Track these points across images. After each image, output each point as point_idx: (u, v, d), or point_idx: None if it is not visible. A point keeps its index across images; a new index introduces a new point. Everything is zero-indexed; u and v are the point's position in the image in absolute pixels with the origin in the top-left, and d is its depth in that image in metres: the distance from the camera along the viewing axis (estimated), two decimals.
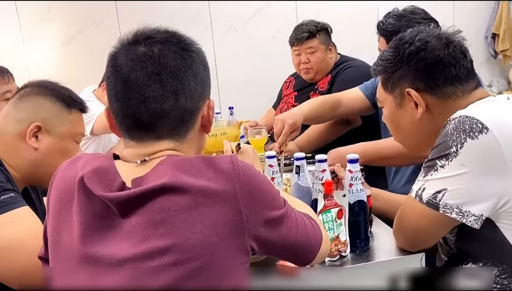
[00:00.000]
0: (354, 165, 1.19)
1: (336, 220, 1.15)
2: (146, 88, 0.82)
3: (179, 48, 0.86)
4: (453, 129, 1.03)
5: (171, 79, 0.83)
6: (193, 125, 0.89)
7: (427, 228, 1.09)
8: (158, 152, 0.85)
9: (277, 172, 1.33)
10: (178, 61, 0.85)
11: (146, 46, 0.84)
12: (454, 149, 1.02)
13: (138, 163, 0.84)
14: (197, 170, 0.80)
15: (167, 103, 0.83)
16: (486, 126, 1.00)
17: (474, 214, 1.01)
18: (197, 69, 0.87)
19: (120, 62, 0.84)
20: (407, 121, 1.19)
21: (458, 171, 1.02)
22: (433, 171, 1.06)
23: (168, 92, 0.83)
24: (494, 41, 3.62)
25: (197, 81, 0.87)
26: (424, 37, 1.15)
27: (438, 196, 1.04)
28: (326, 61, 2.46)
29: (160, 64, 0.83)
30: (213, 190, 0.78)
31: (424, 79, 1.13)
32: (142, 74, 0.82)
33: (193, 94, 0.86)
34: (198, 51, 0.90)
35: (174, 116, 0.85)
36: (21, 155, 1.22)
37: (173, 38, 0.87)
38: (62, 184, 0.87)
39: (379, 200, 1.38)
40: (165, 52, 0.84)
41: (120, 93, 0.84)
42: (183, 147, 0.88)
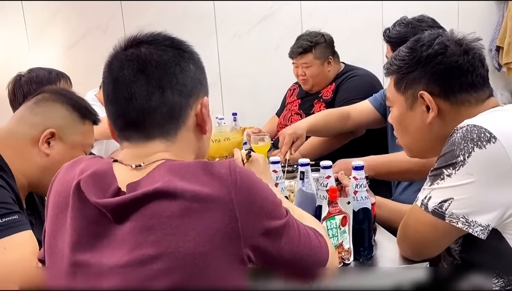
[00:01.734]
0: (359, 171, 1.19)
1: (340, 227, 1.14)
2: (132, 85, 0.83)
3: (166, 45, 0.87)
4: (460, 138, 1.02)
5: (157, 74, 0.83)
6: (184, 122, 0.87)
7: (432, 237, 1.08)
8: (152, 154, 0.84)
9: (281, 178, 1.32)
10: (165, 57, 0.85)
11: (134, 48, 0.86)
12: (461, 158, 1.01)
13: (132, 167, 0.83)
14: (193, 175, 0.78)
15: (153, 99, 0.83)
16: (494, 136, 0.99)
17: (480, 224, 1.00)
18: (186, 65, 0.87)
19: (112, 66, 0.87)
20: (416, 124, 1.17)
21: (465, 180, 1.00)
22: (439, 179, 1.05)
23: (154, 87, 0.83)
24: (498, 54, 3.62)
25: (186, 76, 0.86)
26: (443, 41, 1.14)
27: (444, 205, 1.03)
28: (323, 75, 2.46)
29: (146, 61, 0.84)
30: (207, 195, 0.76)
31: (439, 84, 1.12)
32: (129, 72, 0.83)
33: (182, 89, 0.85)
34: (188, 50, 0.90)
35: (161, 112, 0.84)
36: (31, 159, 1.22)
37: (160, 37, 0.88)
38: (61, 188, 0.87)
39: (382, 208, 1.37)
40: (152, 50, 0.85)
41: (111, 94, 0.86)
42: (176, 147, 0.87)
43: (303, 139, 1.90)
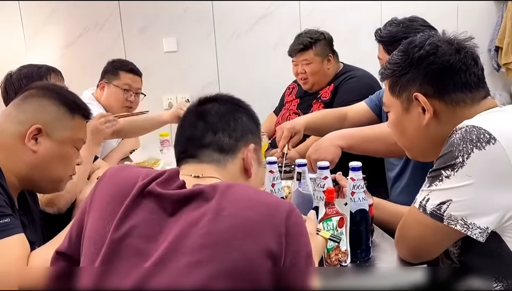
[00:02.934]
0: (356, 172, 1.17)
1: (337, 229, 1.13)
2: (194, 128, 1.01)
3: (225, 100, 1.06)
4: (459, 139, 1.01)
5: (213, 120, 1.01)
6: (232, 158, 1.00)
7: (430, 240, 1.07)
8: (206, 170, 0.97)
9: (277, 179, 1.31)
10: (222, 108, 1.03)
11: (200, 106, 1.05)
12: (460, 159, 0.99)
13: (192, 176, 0.95)
14: (251, 199, 0.86)
15: (207, 138, 0.99)
16: (494, 137, 0.97)
17: (479, 227, 0.98)
18: (239, 116, 1.03)
19: (184, 117, 1.07)
20: (413, 126, 1.15)
21: (464, 182, 0.99)
22: (438, 181, 1.03)
23: (209, 129, 1.00)
24: (497, 54, 3.61)
25: (237, 124, 1.02)
26: (434, 41, 1.13)
27: (442, 207, 1.01)
28: (323, 72, 2.45)
29: (207, 111, 1.02)
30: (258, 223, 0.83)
31: (433, 84, 1.11)
32: (193, 119, 1.03)
33: (232, 133, 1.01)
34: (244, 105, 1.08)
35: (212, 148, 0.99)
36: (19, 157, 1.20)
37: (223, 96, 1.07)
38: (120, 182, 0.94)
39: (380, 209, 1.35)
40: (214, 104, 1.04)
41: (179, 136, 1.05)
42: (224, 173, 0.98)
43: (301, 135, 1.90)
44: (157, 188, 0.89)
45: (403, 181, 1.78)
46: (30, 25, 3.24)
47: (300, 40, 2.46)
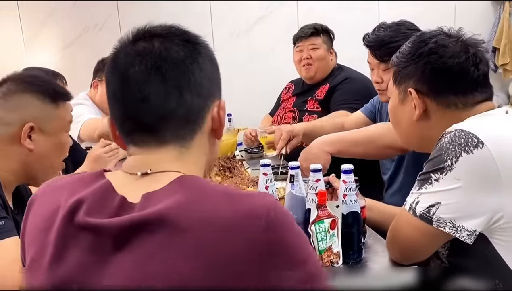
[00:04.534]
0: (348, 175, 1.19)
1: (329, 231, 1.14)
2: (146, 84, 0.74)
3: (182, 40, 0.78)
4: (448, 143, 1.02)
5: (174, 72, 0.75)
6: (200, 127, 0.79)
7: (420, 242, 1.08)
8: (163, 162, 0.76)
9: (271, 181, 1.32)
10: (182, 53, 0.76)
11: (146, 41, 0.77)
12: (449, 163, 1.01)
13: (139, 174, 0.75)
14: (215, 204, 0.68)
15: (171, 100, 0.75)
16: (482, 141, 0.99)
17: (467, 229, 1.00)
18: (203, 63, 0.78)
19: (119, 61, 0.77)
20: (405, 119, 1.20)
21: (452, 185, 1.01)
22: (427, 184, 1.05)
23: (171, 87, 0.75)
24: (494, 55, 3.63)
25: (204, 76, 0.78)
26: (440, 40, 1.13)
27: (431, 210, 1.03)
28: (327, 61, 2.50)
29: (161, 57, 0.75)
30: (228, 236, 0.65)
31: (427, 83, 1.13)
32: (141, 69, 0.74)
33: (200, 90, 0.77)
34: (204, 45, 0.81)
35: (179, 115, 0.76)
36: (13, 157, 1.20)
37: (177, 31, 0.80)
38: (45, 212, 0.75)
39: (373, 211, 1.37)
40: (167, 45, 0.76)
41: (118, 92, 0.77)
42: (191, 155, 0.79)
43: (299, 139, 1.93)
44: (87, 218, 0.69)
45: (396, 184, 1.80)
46: (29, 27, 3.26)
47: (309, 26, 2.53)
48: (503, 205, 0.99)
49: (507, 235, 1.01)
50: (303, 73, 2.54)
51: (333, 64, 2.55)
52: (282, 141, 1.88)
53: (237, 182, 1.76)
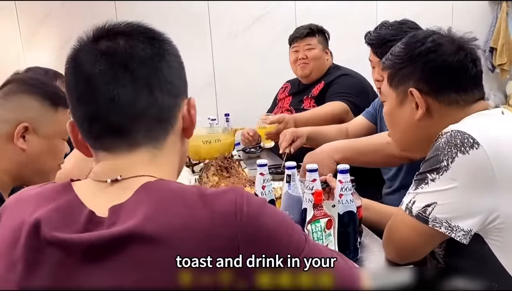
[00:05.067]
0: (344, 175, 1.19)
1: (325, 230, 1.14)
2: (114, 84, 0.70)
3: (147, 37, 0.75)
4: (444, 143, 1.03)
5: (143, 71, 0.72)
6: (173, 126, 0.77)
7: (416, 241, 1.09)
8: (135, 166, 0.72)
9: (268, 180, 1.32)
10: (149, 51, 0.73)
11: (110, 39, 0.73)
12: (445, 163, 1.01)
13: (108, 181, 0.71)
14: (189, 208, 0.66)
15: (141, 100, 0.71)
16: (477, 142, 0.99)
17: (463, 229, 1.01)
18: (171, 60, 0.76)
19: (81, 61, 0.72)
20: (405, 120, 1.18)
21: (448, 185, 1.01)
22: (423, 184, 1.05)
23: (141, 85, 0.71)
24: (492, 55, 3.63)
25: (173, 73, 0.76)
26: (436, 38, 1.14)
27: (427, 210, 1.03)
28: (322, 61, 2.52)
29: (128, 55, 0.72)
30: (205, 242, 0.63)
31: (428, 82, 1.13)
32: (107, 68, 0.70)
33: (170, 88, 0.75)
34: (170, 42, 0.78)
35: (150, 114, 0.73)
36: (9, 156, 1.20)
37: (140, 28, 0.76)
38: (12, 225, 0.71)
39: (370, 210, 1.37)
40: (132, 43, 0.73)
41: (84, 94, 0.72)
42: (163, 156, 0.76)
43: (303, 141, 1.95)
44: (54, 233, 0.65)
45: (396, 183, 1.81)
46: (27, 26, 3.25)
47: (304, 26, 2.56)
48: (499, 205, 1.00)
49: (503, 235, 1.02)
50: (299, 72, 2.55)
51: (328, 64, 2.57)
52: (286, 142, 1.91)
53: (235, 181, 1.76)
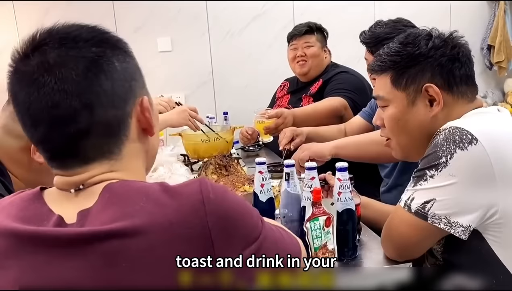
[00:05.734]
0: (343, 173, 1.19)
1: (324, 228, 1.15)
2: (52, 108, 0.67)
3: (79, 47, 0.69)
4: (443, 140, 1.03)
5: (78, 90, 0.67)
6: (126, 136, 0.73)
7: (415, 238, 1.09)
8: (93, 176, 0.71)
9: (266, 179, 1.32)
10: (82, 65, 0.68)
11: (40, 55, 0.68)
12: (443, 159, 1.02)
13: (72, 192, 0.71)
14: (155, 202, 0.66)
15: (82, 121, 0.68)
16: (476, 138, 1.00)
17: (462, 225, 1.01)
18: (111, 67, 0.70)
19: (18, 84, 0.70)
20: (417, 120, 1.15)
21: (447, 182, 1.02)
22: (422, 180, 1.06)
23: (79, 106, 0.67)
24: (489, 53, 3.64)
25: (115, 81, 0.70)
26: (440, 35, 1.16)
27: (426, 206, 1.04)
28: (321, 59, 2.53)
29: (61, 76, 0.67)
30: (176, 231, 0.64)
31: (443, 75, 1.13)
32: (42, 95, 0.67)
33: (114, 99, 0.70)
34: (108, 40, 0.73)
35: (96, 133, 0.69)
36: (26, 166, 1.21)
37: (70, 36, 0.70)
38: None
39: (368, 209, 1.37)
40: (64, 57, 0.68)
41: (28, 122, 0.71)
42: (123, 163, 0.74)
43: (303, 139, 1.96)
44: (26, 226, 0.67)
45: (391, 180, 1.82)
46: (25, 26, 3.24)
47: (303, 24, 2.56)
48: (497, 201, 1.00)
49: (501, 231, 1.02)
50: (297, 70, 2.56)
51: (327, 62, 2.57)
52: (286, 139, 1.92)
53: (233, 180, 1.76)
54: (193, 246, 0.65)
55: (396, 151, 1.25)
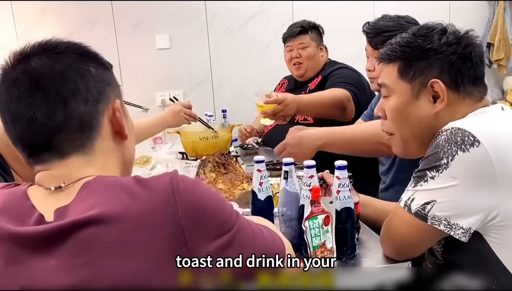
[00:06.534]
0: (341, 171, 1.18)
1: (322, 227, 1.14)
2: (31, 105, 0.74)
3: (58, 52, 0.78)
4: (444, 141, 1.02)
5: (53, 86, 0.75)
6: (98, 132, 0.79)
7: (414, 239, 1.08)
8: (73, 171, 0.76)
9: (265, 177, 1.32)
10: (58, 66, 0.76)
11: (24, 63, 0.77)
12: (445, 161, 1.01)
13: (52, 189, 0.75)
14: (129, 192, 0.71)
15: (57, 114, 0.75)
16: (478, 140, 0.98)
17: (462, 227, 1.00)
18: (85, 69, 0.78)
19: (4, 88, 0.77)
20: (419, 114, 1.13)
21: (448, 183, 1.00)
22: (423, 181, 1.05)
23: (54, 101, 0.74)
24: (489, 51, 3.63)
25: (89, 81, 0.78)
26: (455, 31, 1.13)
27: (427, 207, 1.03)
28: (317, 59, 2.51)
29: (38, 75, 0.75)
30: (148, 216, 0.69)
31: (451, 73, 1.11)
32: (21, 92, 0.75)
33: (87, 97, 0.77)
34: (84, 52, 0.81)
35: (70, 126, 0.76)
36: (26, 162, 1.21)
37: (50, 46, 0.79)
38: None
39: (367, 207, 1.37)
40: (43, 62, 0.76)
41: (8, 121, 0.78)
42: (98, 159, 0.79)
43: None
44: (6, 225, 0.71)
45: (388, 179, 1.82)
46: (22, 23, 3.23)
47: (296, 24, 2.54)
48: (499, 203, 0.99)
49: (502, 233, 1.01)
50: (294, 72, 2.56)
51: (324, 60, 2.56)
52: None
53: (232, 178, 1.75)
54: (164, 232, 0.69)
55: (397, 147, 1.23)
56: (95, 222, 0.68)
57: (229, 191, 1.59)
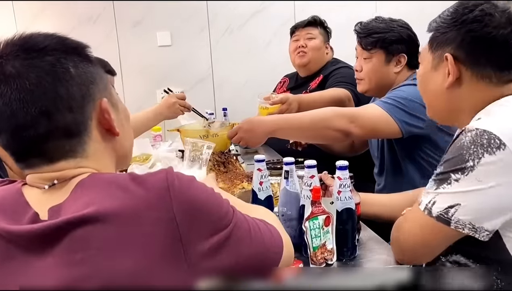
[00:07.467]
0: (343, 171, 1.18)
1: (323, 228, 1.13)
2: (12, 117, 0.71)
3: (33, 56, 0.72)
4: (470, 142, 0.99)
5: (34, 98, 0.70)
6: (89, 136, 0.76)
7: (433, 242, 1.05)
8: (63, 173, 0.74)
9: (265, 176, 1.31)
10: (35, 74, 0.71)
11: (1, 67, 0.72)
12: (471, 163, 0.98)
13: (46, 188, 0.74)
14: (124, 189, 0.70)
15: (40, 127, 0.71)
16: (504, 143, 0.96)
17: (487, 230, 0.98)
18: (65, 73, 0.73)
19: None
20: (435, 85, 1.14)
21: (474, 187, 0.97)
22: (446, 184, 1.01)
23: (37, 114, 0.70)
24: None
25: (70, 86, 0.73)
26: (488, 8, 1.08)
27: (450, 211, 0.99)
28: (322, 53, 2.52)
29: (17, 86, 0.70)
30: (144, 212, 0.68)
31: (466, 51, 1.08)
32: (1, 105, 0.71)
33: (71, 104, 0.73)
34: (61, 48, 0.75)
35: (56, 136, 0.73)
36: None
37: (24, 47, 0.73)
38: None
39: (366, 205, 1.35)
40: (19, 69, 0.71)
41: None
42: (90, 161, 0.77)
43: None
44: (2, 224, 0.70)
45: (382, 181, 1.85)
46: (23, 20, 3.23)
47: (308, 17, 2.56)
48: None
49: None
50: (297, 60, 2.54)
51: (328, 58, 2.56)
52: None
53: (232, 176, 1.74)
54: (159, 228, 0.68)
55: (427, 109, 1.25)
56: (92, 220, 0.67)
57: (229, 189, 1.59)
